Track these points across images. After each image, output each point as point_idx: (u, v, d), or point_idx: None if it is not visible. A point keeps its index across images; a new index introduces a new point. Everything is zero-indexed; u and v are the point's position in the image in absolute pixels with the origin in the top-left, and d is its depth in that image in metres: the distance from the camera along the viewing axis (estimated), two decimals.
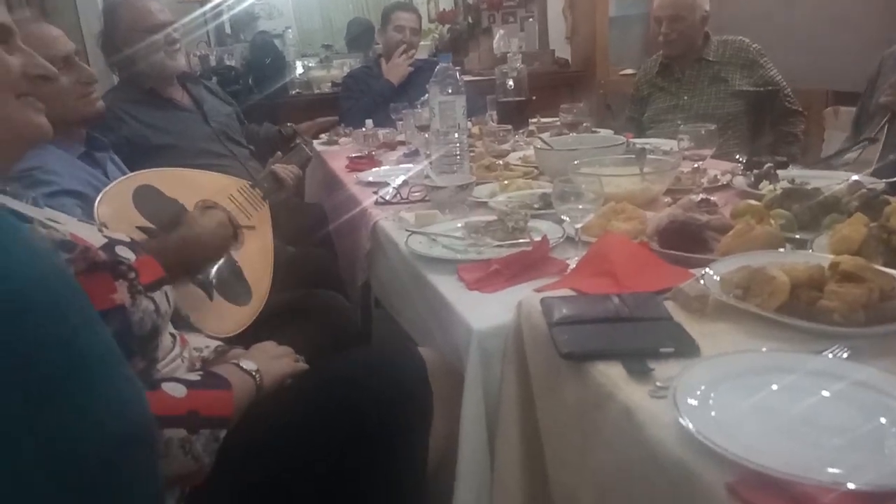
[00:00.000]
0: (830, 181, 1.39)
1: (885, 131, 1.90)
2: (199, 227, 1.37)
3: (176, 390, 0.86)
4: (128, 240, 0.94)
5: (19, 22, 0.87)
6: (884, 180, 1.39)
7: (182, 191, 1.54)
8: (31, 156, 1.19)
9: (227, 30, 4.14)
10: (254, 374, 1.02)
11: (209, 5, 3.78)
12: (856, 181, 1.30)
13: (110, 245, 0.87)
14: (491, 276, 1.13)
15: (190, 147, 2.13)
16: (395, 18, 3.16)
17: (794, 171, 1.61)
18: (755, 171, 1.54)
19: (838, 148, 2.13)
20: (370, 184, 1.94)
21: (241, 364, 1.03)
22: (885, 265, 0.92)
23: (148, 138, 2.08)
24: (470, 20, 4.90)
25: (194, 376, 0.95)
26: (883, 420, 0.65)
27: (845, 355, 0.75)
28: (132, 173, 1.52)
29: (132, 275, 0.86)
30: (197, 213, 1.43)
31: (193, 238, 1.35)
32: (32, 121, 0.83)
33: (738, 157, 1.84)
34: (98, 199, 1.32)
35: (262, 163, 2.26)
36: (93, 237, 0.87)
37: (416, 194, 1.71)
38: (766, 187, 1.45)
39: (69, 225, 0.87)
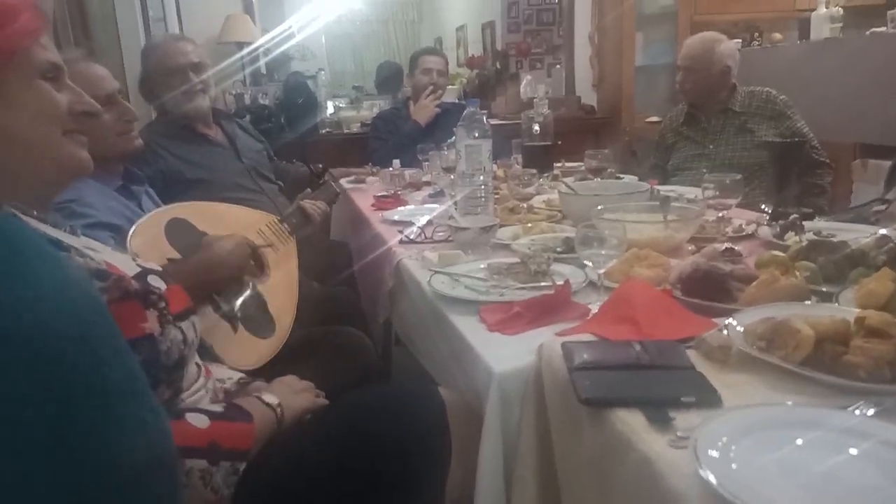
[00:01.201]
0: (857, 234, 1.38)
1: None
2: (217, 248, 1.40)
3: (199, 421, 0.88)
4: (159, 269, 0.96)
5: (68, 61, 0.92)
6: None
7: (213, 224, 1.58)
8: (69, 188, 1.24)
9: (263, 70, 4.27)
10: (275, 407, 1.03)
11: (247, 49, 3.91)
12: (883, 235, 1.28)
13: (143, 274, 0.90)
14: (512, 318, 1.14)
15: (222, 181, 2.19)
16: (423, 62, 3.26)
17: (820, 223, 1.60)
18: (781, 222, 1.54)
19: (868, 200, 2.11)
20: (395, 223, 1.97)
21: (263, 397, 1.04)
22: None
23: (182, 172, 2.14)
24: (498, 66, 5.00)
25: (217, 408, 0.96)
26: None
27: (871, 412, 0.74)
28: (165, 206, 1.57)
29: (162, 304, 0.88)
30: (214, 236, 1.46)
31: (210, 258, 1.38)
32: (76, 155, 0.87)
33: (763, 207, 1.84)
34: (132, 230, 1.36)
35: (290, 199, 2.31)
36: (126, 266, 0.90)
37: (440, 234, 1.73)
38: (791, 238, 1.45)
39: (104, 254, 0.90)
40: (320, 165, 2.70)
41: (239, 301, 1.48)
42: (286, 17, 4.66)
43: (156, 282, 0.90)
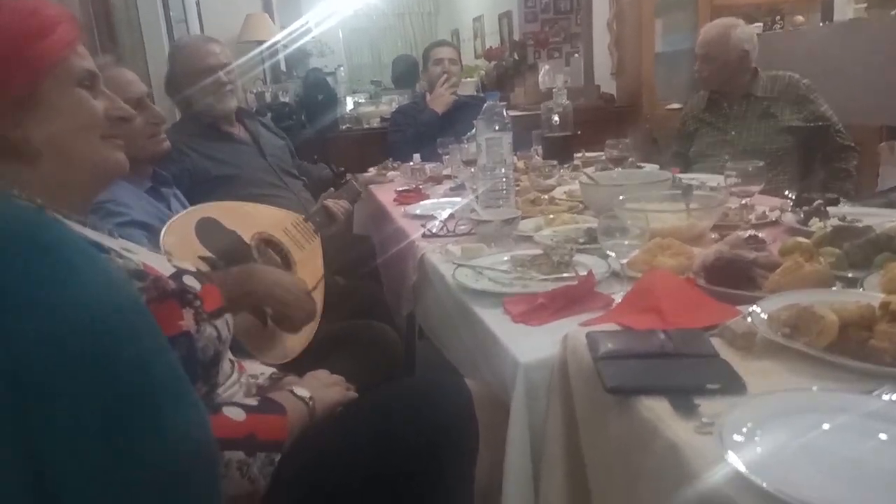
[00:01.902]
0: (883, 219, 1.37)
1: None
2: (263, 279, 1.35)
3: (236, 414, 0.91)
4: (193, 269, 0.99)
5: (99, 66, 0.95)
6: None
7: (240, 223, 1.61)
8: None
9: (283, 67, 4.31)
10: (307, 400, 1.06)
11: (266, 44, 3.95)
12: None
13: (178, 274, 0.93)
14: (537, 309, 1.15)
15: (248, 178, 2.23)
16: (434, 54, 3.29)
17: (845, 209, 1.59)
18: (805, 208, 1.53)
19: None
20: (417, 217, 1.99)
21: (295, 391, 1.06)
22: None
23: (209, 170, 2.18)
24: (516, 56, 4.99)
25: (252, 401, 0.99)
26: None
27: (895, 397, 0.75)
28: (195, 206, 1.61)
29: (197, 303, 0.91)
30: (260, 257, 1.47)
31: (258, 292, 1.34)
32: (114, 158, 0.90)
33: (787, 193, 1.83)
34: (164, 229, 1.40)
35: (314, 196, 2.34)
36: (162, 266, 0.93)
37: (463, 228, 1.75)
38: (815, 224, 1.44)
39: (141, 255, 0.93)
40: (342, 169, 2.72)
41: None
42: (303, 14, 4.69)
43: (191, 281, 0.93)
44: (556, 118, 2.52)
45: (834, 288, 1.07)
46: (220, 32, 3.56)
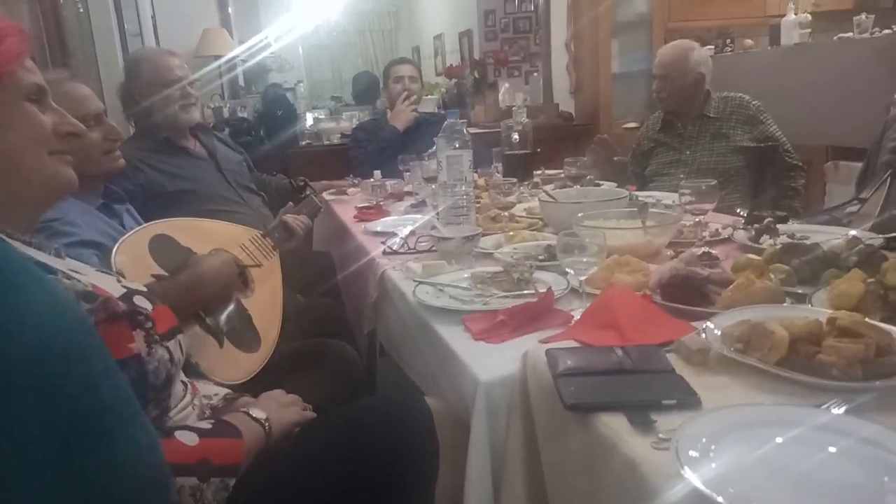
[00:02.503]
0: (829, 236, 1.42)
1: (888, 187, 1.94)
2: (205, 265, 1.41)
3: (188, 438, 0.88)
4: (145, 289, 0.97)
5: (52, 81, 0.92)
6: (881, 236, 1.42)
7: (196, 240, 1.58)
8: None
9: (241, 82, 4.26)
10: (263, 422, 1.03)
11: (223, 59, 3.91)
12: (854, 237, 1.32)
13: (129, 295, 0.90)
14: (497, 326, 1.15)
15: (205, 194, 2.19)
16: (395, 71, 3.31)
17: (794, 226, 1.64)
18: (756, 226, 1.57)
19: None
20: (378, 233, 1.98)
21: (250, 412, 1.04)
22: (883, 321, 0.94)
23: (164, 185, 2.14)
24: (476, 75, 5.03)
25: (206, 424, 0.96)
26: (886, 478, 0.66)
27: (843, 409, 0.77)
28: (148, 223, 1.57)
29: (149, 324, 0.88)
30: (202, 255, 1.46)
31: (198, 276, 1.39)
32: (63, 174, 0.88)
33: (739, 211, 1.88)
34: (116, 247, 1.36)
35: (273, 211, 2.31)
36: (112, 287, 0.90)
37: (423, 244, 1.75)
38: (766, 241, 1.48)
39: (90, 276, 0.90)
40: (301, 179, 2.70)
41: (224, 316, 1.48)
42: (262, 29, 4.66)
43: (142, 302, 0.90)
44: (515, 136, 2.54)
45: (784, 304, 1.10)
46: (177, 46, 3.50)
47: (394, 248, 1.76)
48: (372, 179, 2.72)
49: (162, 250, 1.48)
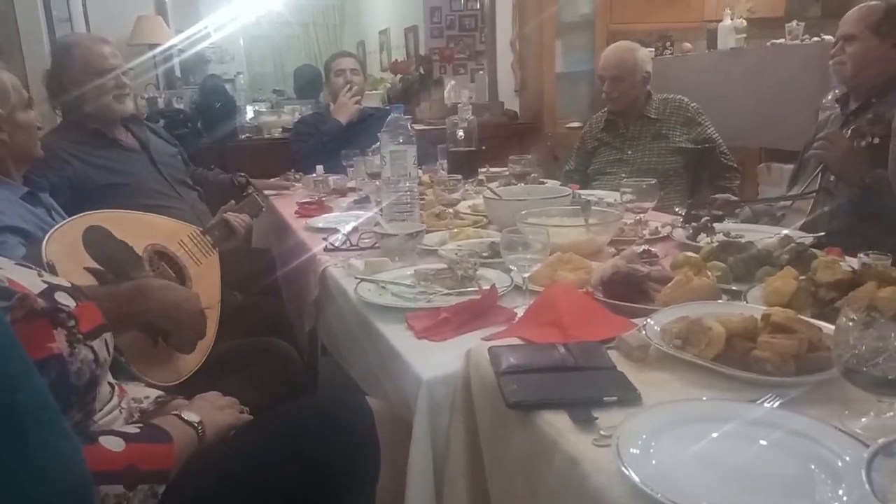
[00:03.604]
0: (763, 234, 1.47)
1: (818, 182, 2.02)
2: (165, 295, 1.26)
3: (114, 444, 0.83)
4: (68, 285, 0.91)
5: None
6: (811, 235, 1.47)
7: (132, 234, 1.51)
8: None
9: (178, 73, 4.12)
10: (196, 425, 0.99)
11: (159, 49, 3.76)
12: (786, 235, 1.37)
13: (49, 291, 0.85)
14: (440, 324, 1.14)
15: (138, 188, 2.11)
16: (336, 64, 3.27)
17: (729, 225, 1.69)
18: (693, 224, 1.61)
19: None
20: (320, 230, 1.94)
21: (182, 415, 1.00)
22: (814, 317, 0.97)
23: (93, 178, 2.04)
24: (422, 71, 5.01)
25: (133, 429, 0.91)
26: (813, 467, 0.68)
27: (777, 404, 0.79)
28: (83, 214, 1.49)
29: (71, 322, 0.83)
30: (148, 266, 1.39)
31: (155, 308, 1.25)
32: None
33: (677, 209, 1.92)
34: (47, 237, 1.29)
35: (210, 206, 2.24)
36: (31, 282, 0.85)
37: (366, 241, 1.72)
38: (703, 240, 1.52)
39: (7, 269, 0.85)
40: (241, 175, 2.62)
41: None
42: (201, 19, 4.52)
43: (64, 299, 0.85)
44: (461, 133, 2.54)
45: (720, 300, 1.12)
46: (109, 34, 3.33)
47: (336, 244, 1.73)
48: (314, 175, 2.66)
49: (96, 243, 1.41)
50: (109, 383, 0.96)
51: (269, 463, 1.01)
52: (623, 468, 0.66)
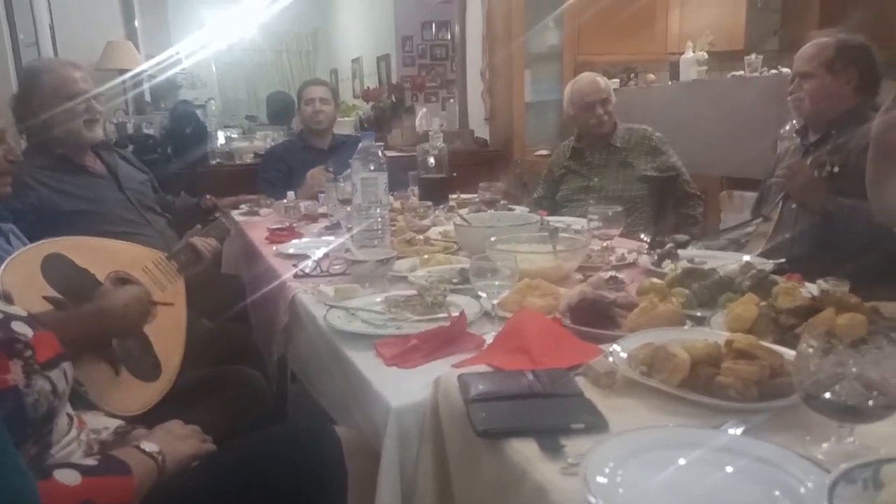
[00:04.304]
0: (725, 261, 1.50)
1: (780, 210, 2.08)
2: (113, 300, 1.32)
3: (70, 478, 0.81)
4: (24, 314, 0.89)
5: None
6: (772, 261, 1.51)
7: (94, 261, 1.48)
8: None
9: (148, 98, 4.09)
10: (156, 455, 0.97)
11: (129, 74, 3.74)
12: (747, 262, 1.40)
13: (5, 321, 0.83)
14: (409, 351, 1.14)
15: (104, 214, 2.07)
16: (306, 93, 3.28)
17: (693, 251, 1.73)
18: (658, 251, 1.64)
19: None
20: (290, 256, 1.93)
21: (142, 446, 0.97)
22: (776, 342, 0.99)
23: (59, 205, 2.00)
24: (394, 99, 5.06)
25: (91, 461, 0.89)
26: (777, 493, 0.69)
27: (741, 430, 0.80)
28: (42, 241, 1.45)
29: (28, 353, 0.81)
30: (110, 285, 1.37)
31: (106, 310, 1.29)
32: None
33: (642, 236, 1.95)
34: (3, 266, 1.26)
35: (179, 232, 2.21)
36: None
37: (337, 268, 1.71)
38: (668, 266, 1.55)
39: None
40: (208, 198, 2.60)
41: (121, 342, 1.39)
42: (173, 45, 4.50)
43: (21, 328, 0.83)
44: (431, 160, 2.56)
45: (685, 326, 1.14)
46: (77, 58, 3.30)
47: (306, 270, 1.72)
48: (285, 200, 2.65)
49: (56, 271, 1.38)
50: (68, 414, 0.94)
51: (233, 493, 0.99)
52: (590, 497, 0.66)
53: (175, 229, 2.33)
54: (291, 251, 1.98)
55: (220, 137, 4.33)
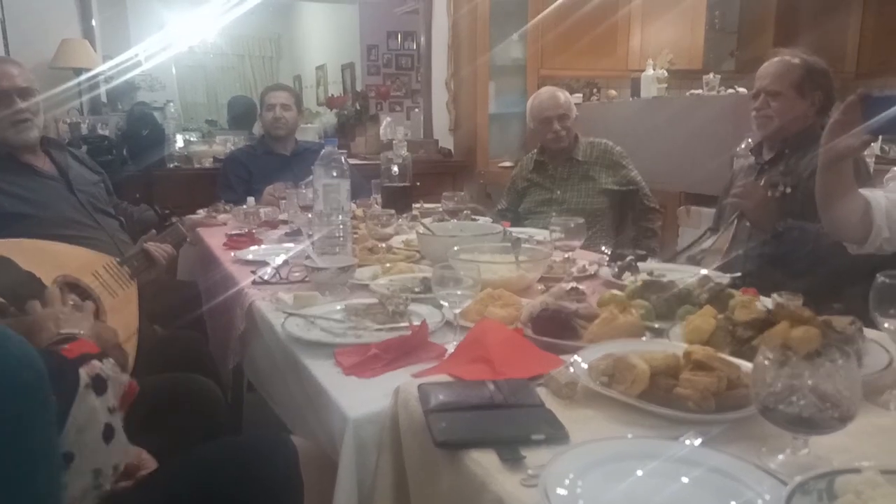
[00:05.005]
0: (683, 274, 1.52)
1: (734, 227, 2.12)
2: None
3: None
4: None
5: None
6: (728, 275, 1.54)
7: (40, 264, 1.43)
8: None
9: (104, 98, 3.97)
10: None
11: (85, 75, 3.63)
12: (705, 275, 1.42)
13: None
14: (369, 360, 1.12)
15: (51, 217, 1.99)
16: (267, 99, 3.25)
17: (652, 264, 1.75)
18: (618, 263, 1.66)
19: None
20: (248, 262, 1.89)
21: None
22: (732, 354, 1.01)
23: (2, 206, 1.92)
24: (358, 106, 5.03)
25: None
26: (733, 503, 0.69)
27: (699, 441, 0.80)
28: None
29: None
30: (57, 290, 1.31)
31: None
32: None
33: (603, 248, 1.97)
34: None
35: (133, 239, 2.14)
36: None
37: (297, 275, 1.69)
38: (628, 278, 1.56)
39: None
40: (167, 211, 2.52)
41: None
42: (132, 45, 4.39)
43: None
44: (395, 169, 2.54)
45: (644, 338, 1.15)
46: (29, 55, 3.24)
47: (264, 277, 1.68)
48: (245, 206, 2.60)
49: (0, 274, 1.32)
50: None
51: (189, 503, 0.96)
52: None
53: (129, 233, 2.26)
54: (250, 257, 1.94)
55: (179, 141, 4.23)
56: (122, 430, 0.88)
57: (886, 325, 0.98)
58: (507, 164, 4.26)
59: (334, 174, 1.71)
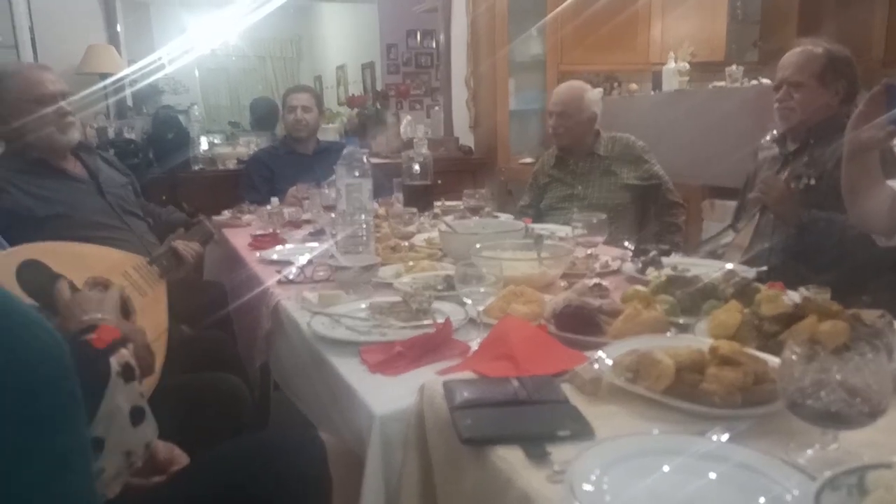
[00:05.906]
0: (708, 269, 1.51)
1: (756, 222, 2.10)
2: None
3: None
4: None
5: None
6: (754, 269, 1.52)
7: (71, 266, 1.46)
8: None
9: (129, 102, 4.04)
10: None
11: (111, 79, 3.70)
12: (730, 270, 1.41)
13: None
14: (394, 358, 1.13)
15: (83, 219, 2.03)
16: (289, 101, 3.29)
17: (676, 259, 1.74)
18: (642, 258, 1.65)
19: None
20: (273, 262, 1.91)
21: None
22: (759, 349, 1.00)
23: (33, 210, 1.97)
24: (378, 106, 5.05)
25: None
26: (762, 500, 0.69)
27: (725, 437, 0.80)
28: (18, 246, 1.43)
29: None
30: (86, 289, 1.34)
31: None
32: None
33: (626, 244, 1.96)
34: None
35: (161, 239, 2.18)
36: None
37: (321, 274, 1.70)
38: (651, 274, 1.55)
39: None
40: (194, 209, 2.57)
41: None
42: (156, 49, 4.46)
43: None
44: (416, 167, 2.56)
45: (669, 333, 1.15)
46: (58, 62, 3.29)
47: (289, 277, 1.70)
48: (269, 206, 2.63)
49: (31, 277, 1.36)
50: None
51: (214, 500, 0.97)
52: None
53: (156, 235, 2.30)
54: (275, 257, 1.96)
55: (203, 143, 4.29)
56: (149, 410, 0.90)
57: None
58: (528, 160, 4.25)
59: (357, 174, 1.73)
